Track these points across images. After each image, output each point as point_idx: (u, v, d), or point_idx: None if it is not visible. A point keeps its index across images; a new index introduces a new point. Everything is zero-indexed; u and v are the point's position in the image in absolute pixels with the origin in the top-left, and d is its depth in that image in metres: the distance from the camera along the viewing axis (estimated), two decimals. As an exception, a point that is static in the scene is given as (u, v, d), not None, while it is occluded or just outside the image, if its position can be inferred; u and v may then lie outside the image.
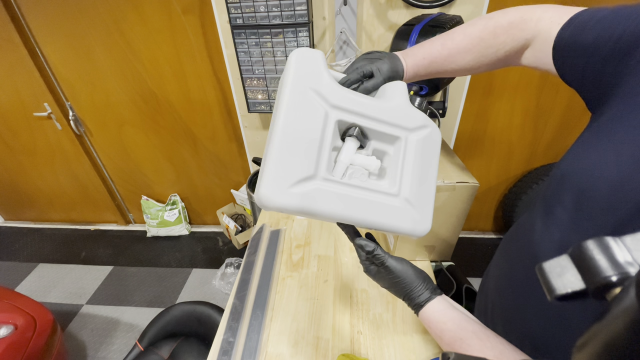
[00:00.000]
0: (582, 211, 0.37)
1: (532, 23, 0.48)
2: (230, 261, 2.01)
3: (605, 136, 0.37)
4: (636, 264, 0.19)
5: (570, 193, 0.39)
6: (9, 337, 1.20)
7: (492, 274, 0.59)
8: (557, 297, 0.21)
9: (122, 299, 1.92)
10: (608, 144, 0.36)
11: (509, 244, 0.55)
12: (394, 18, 1.38)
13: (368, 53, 0.63)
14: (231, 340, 0.77)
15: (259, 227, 1.12)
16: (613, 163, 0.35)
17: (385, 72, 0.54)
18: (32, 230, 2.53)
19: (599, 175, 0.36)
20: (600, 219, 0.35)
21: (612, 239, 0.20)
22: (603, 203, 0.35)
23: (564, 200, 0.40)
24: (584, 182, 0.37)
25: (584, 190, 0.37)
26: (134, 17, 1.58)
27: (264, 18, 1.33)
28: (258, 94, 1.56)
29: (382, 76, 0.54)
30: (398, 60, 0.56)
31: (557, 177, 0.42)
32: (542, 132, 1.75)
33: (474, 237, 2.16)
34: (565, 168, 0.41)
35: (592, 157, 0.38)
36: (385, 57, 0.56)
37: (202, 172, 2.17)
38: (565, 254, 0.22)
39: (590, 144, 0.39)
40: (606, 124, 0.38)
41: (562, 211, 0.40)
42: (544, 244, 0.43)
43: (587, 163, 0.38)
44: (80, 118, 1.99)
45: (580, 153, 0.40)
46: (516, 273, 0.49)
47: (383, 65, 0.54)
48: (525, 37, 0.49)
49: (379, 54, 0.60)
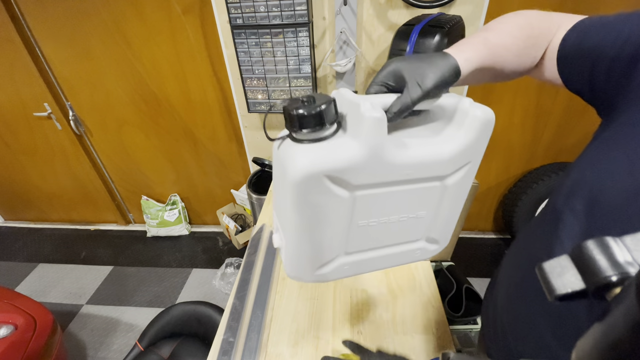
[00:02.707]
0: (595, 222, 0.36)
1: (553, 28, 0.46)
2: (230, 261, 2.01)
3: (617, 143, 0.36)
4: (636, 264, 0.19)
5: (583, 202, 0.38)
6: (9, 337, 1.20)
7: (501, 285, 0.57)
8: (557, 297, 0.21)
9: (122, 299, 1.92)
10: (621, 151, 0.35)
11: (519, 254, 0.54)
12: (394, 18, 1.38)
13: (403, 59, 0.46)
14: (231, 340, 0.77)
15: (259, 227, 1.12)
16: (627, 172, 0.34)
17: (431, 81, 0.39)
18: (32, 230, 2.53)
19: (612, 185, 0.35)
20: (614, 230, 0.34)
21: (612, 239, 0.20)
22: (617, 214, 0.34)
23: (575, 209, 0.39)
24: (597, 192, 0.36)
25: (597, 200, 0.36)
26: (134, 17, 1.58)
27: (264, 18, 1.33)
28: (258, 94, 1.56)
29: (422, 90, 0.38)
30: (448, 56, 0.42)
31: (568, 186, 0.41)
32: (542, 132, 1.75)
33: (474, 237, 2.16)
34: (576, 177, 0.40)
35: (604, 165, 0.37)
36: (426, 59, 0.41)
37: (202, 172, 2.17)
38: (565, 254, 0.22)
39: (602, 151, 0.38)
40: (618, 130, 0.37)
41: (574, 221, 0.39)
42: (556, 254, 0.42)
43: (600, 171, 0.37)
44: (80, 118, 1.99)
45: (592, 160, 0.39)
46: (528, 284, 0.48)
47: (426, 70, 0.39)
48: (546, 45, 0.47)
49: (417, 57, 0.43)
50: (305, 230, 0.39)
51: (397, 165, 0.37)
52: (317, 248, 0.41)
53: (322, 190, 0.35)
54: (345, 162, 0.34)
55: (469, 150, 0.40)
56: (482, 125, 0.39)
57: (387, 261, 0.48)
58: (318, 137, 0.35)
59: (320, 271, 0.43)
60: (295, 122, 0.34)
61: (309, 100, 0.34)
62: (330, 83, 1.59)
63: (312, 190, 0.35)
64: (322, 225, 0.38)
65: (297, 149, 0.35)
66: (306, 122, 0.33)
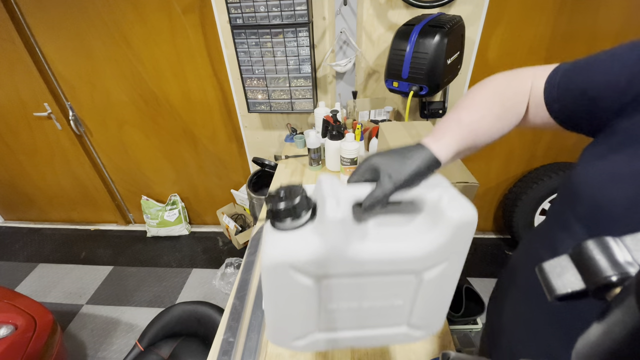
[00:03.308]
0: (599, 226, 0.37)
1: (528, 83, 0.48)
2: (230, 261, 2.00)
3: (619, 147, 0.37)
4: (636, 264, 0.18)
5: (586, 207, 0.38)
6: (9, 337, 1.20)
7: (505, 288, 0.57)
8: (557, 297, 0.21)
9: (122, 299, 1.92)
10: (622, 155, 0.36)
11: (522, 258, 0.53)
12: (394, 18, 1.38)
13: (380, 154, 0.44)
14: (231, 340, 0.77)
15: (259, 227, 1.12)
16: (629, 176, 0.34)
17: (402, 176, 0.40)
18: (32, 230, 2.53)
19: (615, 190, 0.35)
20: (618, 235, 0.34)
21: (612, 239, 0.20)
22: (621, 219, 0.34)
23: (579, 213, 0.39)
24: (600, 196, 0.36)
25: (600, 205, 0.36)
26: (134, 17, 1.58)
27: (264, 18, 1.33)
28: (258, 94, 1.56)
29: (393, 184, 0.39)
30: (423, 149, 0.42)
31: (570, 190, 0.41)
32: (542, 132, 1.75)
33: (474, 237, 2.13)
34: (578, 181, 0.40)
35: (606, 168, 0.37)
36: (402, 152, 0.42)
37: (202, 172, 2.17)
38: (565, 254, 0.22)
39: (603, 154, 0.39)
40: (619, 135, 0.38)
41: (577, 225, 0.39)
42: None
43: (602, 175, 0.37)
44: (80, 118, 1.98)
45: (593, 164, 0.39)
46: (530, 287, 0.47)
47: (398, 166, 0.40)
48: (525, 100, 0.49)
49: (391, 153, 0.43)
50: (276, 307, 0.41)
51: (362, 262, 0.38)
52: (289, 323, 0.42)
53: (288, 278, 0.38)
54: (308, 257, 0.36)
55: (445, 249, 0.38)
56: (456, 229, 0.37)
57: (367, 341, 0.46)
58: (288, 228, 0.38)
59: (297, 343, 0.44)
60: (269, 214, 0.38)
61: (286, 193, 0.38)
62: (330, 83, 1.59)
63: (279, 277, 0.38)
64: (291, 305, 0.40)
65: (271, 236, 0.38)
66: (277, 216, 0.37)
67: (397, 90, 1.24)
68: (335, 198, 0.37)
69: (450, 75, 1.21)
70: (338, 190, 0.38)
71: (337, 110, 1.35)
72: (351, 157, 1.18)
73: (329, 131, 1.28)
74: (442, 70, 1.13)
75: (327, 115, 1.36)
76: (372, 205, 0.39)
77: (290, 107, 1.58)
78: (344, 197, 0.38)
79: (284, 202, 0.36)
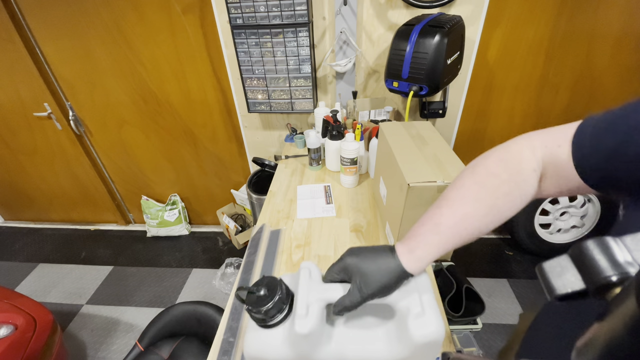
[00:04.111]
0: None
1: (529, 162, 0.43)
2: (230, 261, 2.00)
3: None
4: (636, 264, 0.18)
5: None
6: (9, 337, 1.20)
7: None
8: (557, 297, 0.21)
9: (122, 299, 1.92)
10: None
11: None
12: (394, 18, 1.38)
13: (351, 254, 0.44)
14: (231, 340, 0.77)
15: (259, 227, 1.12)
16: None
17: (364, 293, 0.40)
18: (32, 230, 2.53)
19: None
20: None
21: (612, 239, 0.20)
22: None
23: None
24: None
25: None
26: (134, 17, 1.58)
27: (264, 18, 1.33)
28: (258, 94, 1.56)
29: (361, 296, 0.40)
30: (394, 262, 0.41)
31: None
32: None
33: (474, 237, 2.15)
34: None
35: None
36: (375, 261, 0.41)
37: (202, 172, 2.17)
38: (565, 254, 0.22)
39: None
40: None
41: None
42: None
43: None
44: (80, 118, 1.98)
45: None
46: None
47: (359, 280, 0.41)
48: (529, 181, 0.43)
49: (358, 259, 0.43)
50: None
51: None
52: None
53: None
54: (275, 358, 0.42)
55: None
56: (419, 347, 0.38)
57: None
58: (264, 325, 0.43)
59: None
60: (247, 311, 0.43)
61: (265, 291, 0.42)
62: (330, 83, 1.59)
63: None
64: None
65: (252, 331, 0.44)
66: (253, 315, 0.42)
67: (397, 90, 1.24)
68: (305, 304, 0.40)
69: (450, 75, 1.21)
70: (311, 292, 0.42)
71: (337, 110, 1.35)
72: (351, 157, 1.17)
73: (329, 131, 1.28)
74: (442, 70, 1.13)
75: (327, 115, 1.36)
76: (341, 312, 0.41)
77: (290, 107, 1.58)
78: (317, 299, 0.41)
79: (263, 307, 0.41)
